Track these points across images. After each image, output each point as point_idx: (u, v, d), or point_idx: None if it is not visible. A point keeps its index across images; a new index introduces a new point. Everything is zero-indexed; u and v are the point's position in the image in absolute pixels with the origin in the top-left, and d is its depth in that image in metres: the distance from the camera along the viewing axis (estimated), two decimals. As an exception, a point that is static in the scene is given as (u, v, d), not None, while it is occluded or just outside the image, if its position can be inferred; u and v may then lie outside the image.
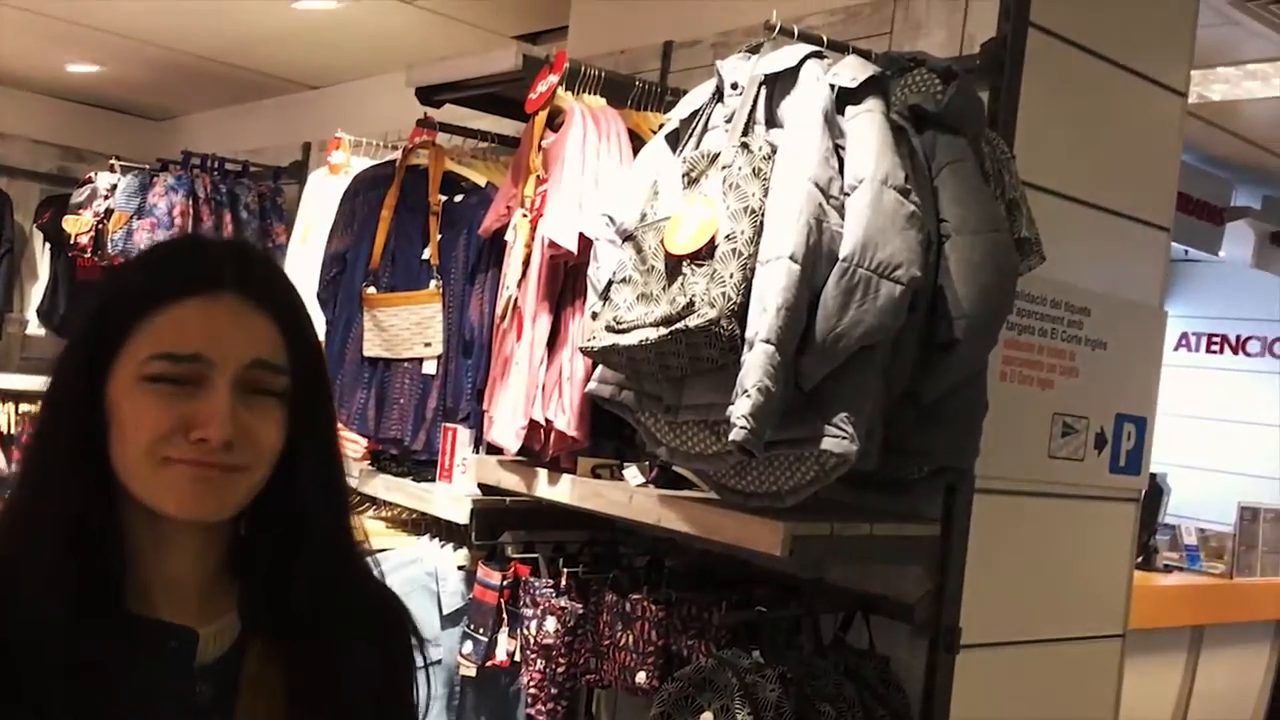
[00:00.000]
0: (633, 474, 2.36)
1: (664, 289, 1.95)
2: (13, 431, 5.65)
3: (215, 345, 0.97)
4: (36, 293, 5.96)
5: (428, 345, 2.83)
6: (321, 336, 3.21)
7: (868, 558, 2.19)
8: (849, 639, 2.28)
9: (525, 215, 2.45)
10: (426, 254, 2.86)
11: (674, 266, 1.94)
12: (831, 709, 2.02)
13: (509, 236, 2.50)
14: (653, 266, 1.99)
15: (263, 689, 1.00)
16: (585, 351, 2.08)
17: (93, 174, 5.53)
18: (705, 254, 1.91)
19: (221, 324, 0.99)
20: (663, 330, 1.90)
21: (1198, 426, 6.14)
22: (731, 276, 1.86)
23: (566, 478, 2.43)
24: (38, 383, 4.58)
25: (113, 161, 5.52)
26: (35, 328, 5.93)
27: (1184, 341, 6.78)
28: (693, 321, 1.85)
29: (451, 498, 2.68)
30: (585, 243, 2.29)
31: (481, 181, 2.84)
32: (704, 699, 2.04)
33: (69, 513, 0.95)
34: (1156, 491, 4.75)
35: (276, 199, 5.11)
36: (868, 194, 1.84)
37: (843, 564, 2.30)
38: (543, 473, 2.48)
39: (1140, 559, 3.73)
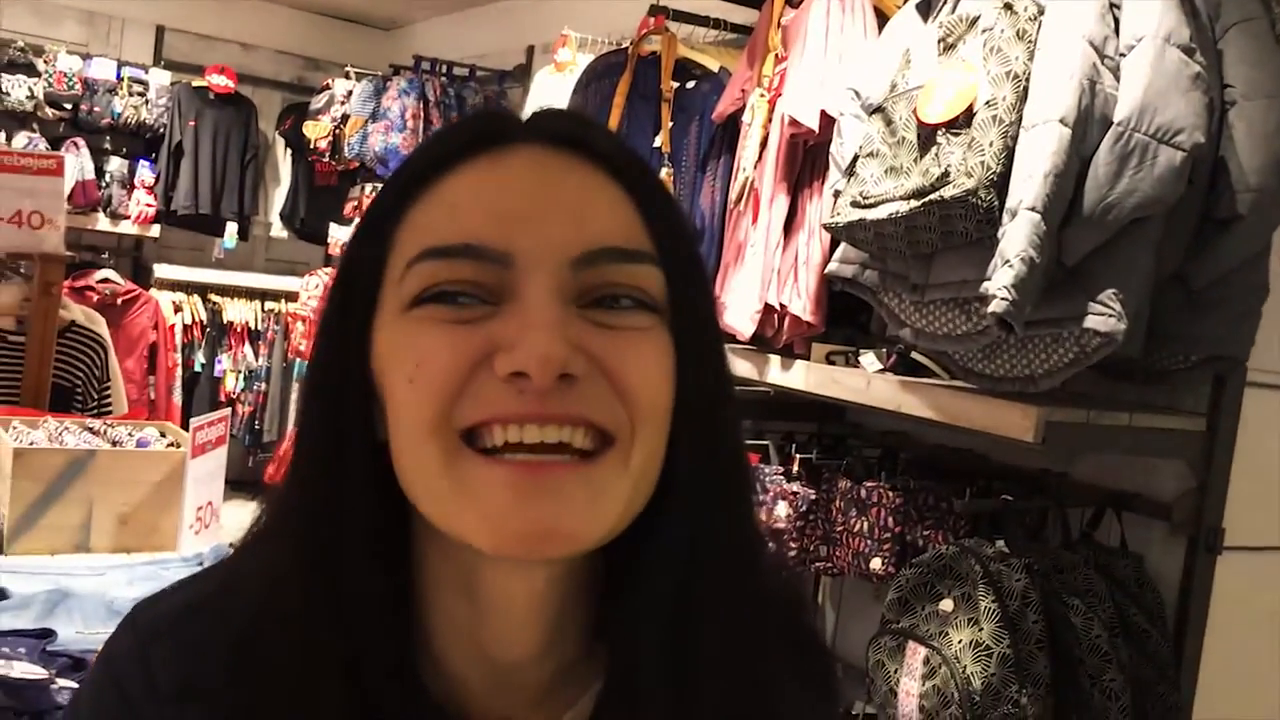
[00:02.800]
0: (869, 360, 2.30)
1: (915, 160, 1.88)
2: (259, 327, 6.04)
3: (510, 227, 0.56)
4: (279, 197, 6.31)
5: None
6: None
7: (1124, 449, 2.07)
8: (1097, 537, 2.18)
9: (763, 95, 2.40)
10: (658, 141, 2.84)
11: (927, 137, 1.86)
12: (1081, 603, 1.94)
13: (746, 118, 2.46)
14: (903, 138, 1.91)
15: None
16: (829, 228, 2.03)
17: (330, 81, 5.79)
18: (962, 122, 1.82)
19: (519, 191, 0.58)
20: (914, 203, 1.82)
21: None
22: (991, 145, 1.76)
23: (800, 364, 2.40)
24: (282, 283, 4.93)
25: (348, 69, 5.75)
26: (279, 230, 6.29)
27: None
28: (948, 192, 1.77)
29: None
30: (826, 120, 2.22)
31: (714, 67, 2.80)
32: (944, 586, 2.00)
33: (354, 551, 0.59)
34: None
35: (502, 102, 5.21)
36: (1149, 52, 1.70)
37: (1095, 456, 2.19)
38: (775, 359, 2.45)
39: None
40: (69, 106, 5.49)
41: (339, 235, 5.54)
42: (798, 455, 2.46)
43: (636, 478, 0.56)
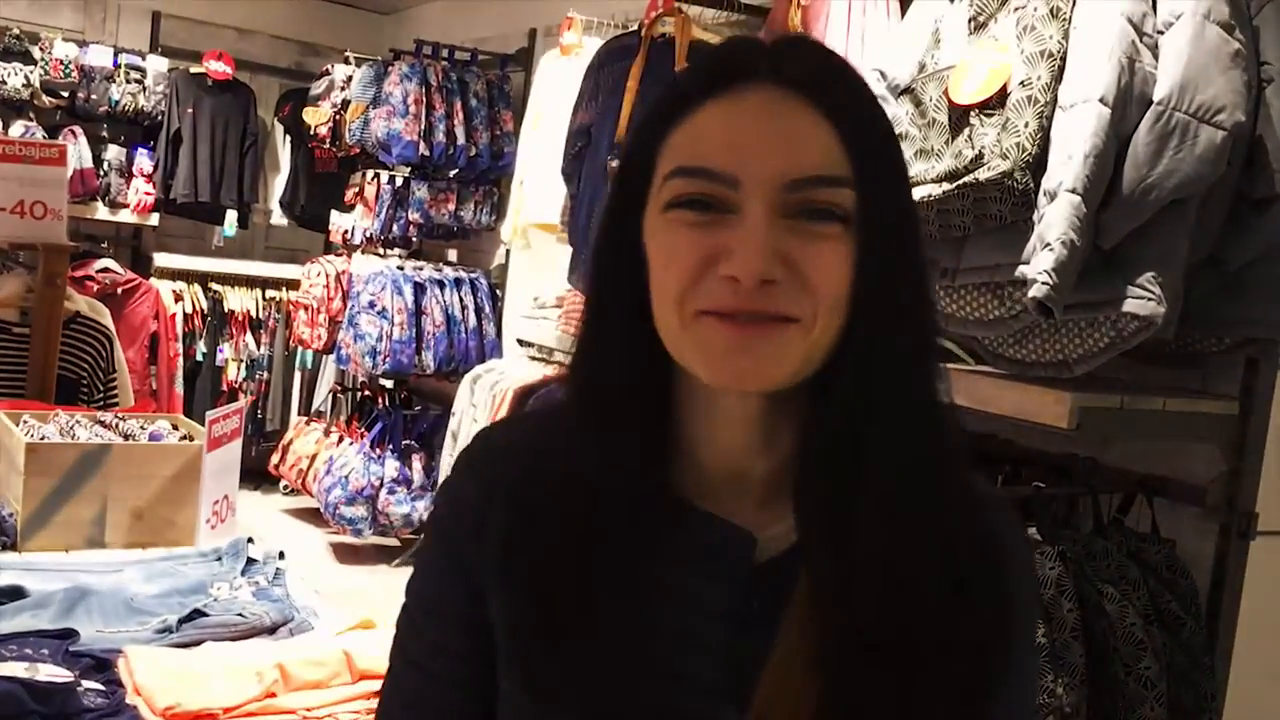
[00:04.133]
0: (894, 346, 2.27)
1: (947, 142, 1.84)
2: (260, 316, 5.99)
3: (740, 156, 0.74)
4: (279, 184, 6.25)
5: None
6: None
7: (1158, 435, 2.05)
8: (1126, 522, 2.15)
9: (783, 77, 2.36)
10: (672, 125, 2.80)
11: (959, 118, 1.82)
12: (1114, 590, 1.92)
13: (765, 100, 2.42)
14: (933, 119, 1.88)
15: (817, 608, 0.77)
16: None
17: (329, 67, 5.72)
18: (995, 103, 1.78)
19: (749, 128, 0.74)
20: (947, 186, 1.79)
21: None
22: (1026, 126, 1.73)
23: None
24: (282, 270, 4.85)
25: (347, 54, 5.69)
26: (279, 217, 6.23)
27: None
28: (982, 175, 1.74)
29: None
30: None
31: (730, 48, 2.75)
32: (975, 575, 1.97)
33: (623, 383, 0.80)
34: None
35: (504, 86, 5.16)
36: (1188, 29, 1.66)
37: (1128, 441, 2.16)
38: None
39: None
40: (66, 94, 5.42)
41: (340, 222, 5.49)
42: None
43: (813, 343, 0.74)
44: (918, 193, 1.83)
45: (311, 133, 5.66)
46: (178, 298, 5.74)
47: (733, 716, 0.77)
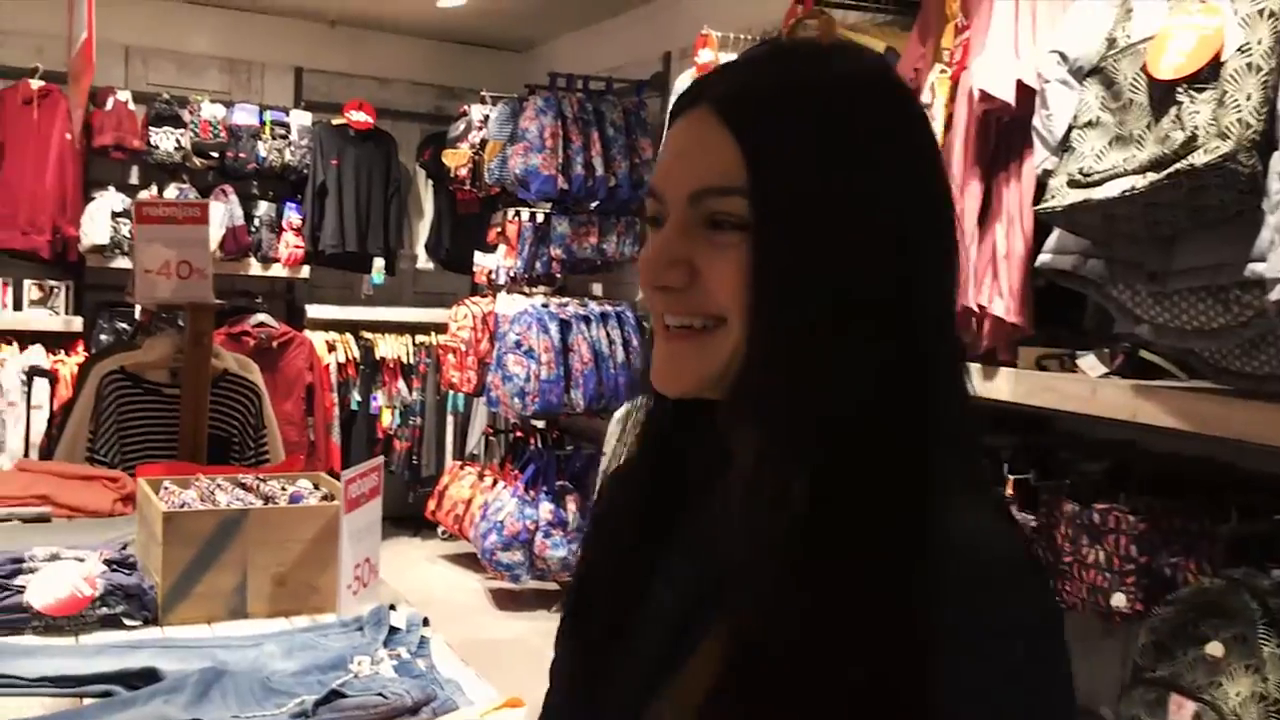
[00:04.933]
0: (1090, 363, 2.00)
1: (1149, 126, 1.58)
2: (411, 361, 5.99)
3: (664, 175, 0.78)
4: (423, 229, 6.27)
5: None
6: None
7: None
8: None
9: (943, 70, 2.13)
10: (821, 136, 2.59)
11: (1163, 96, 1.56)
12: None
13: (925, 98, 2.19)
14: (1130, 100, 1.62)
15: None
16: (1044, 215, 1.75)
17: (466, 108, 5.71)
18: (1207, 75, 1.52)
19: (671, 148, 0.79)
20: (1154, 175, 1.53)
21: None
22: (1249, 99, 1.46)
23: (1006, 371, 2.11)
24: (430, 315, 4.77)
25: (483, 93, 5.66)
26: (425, 262, 6.24)
27: None
28: (1199, 159, 1.48)
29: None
30: (1024, 92, 1.94)
31: (880, 48, 2.53)
32: (1209, 626, 1.68)
33: None
34: None
35: (640, 113, 5.03)
36: None
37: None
38: (975, 368, 2.17)
39: None
40: (215, 155, 5.54)
41: (484, 262, 5.44)
42: (1010, 477, 2.16)
43: (732, 349, 0.75)
44: (1118, 185, 1.58)
45: (452, 175, 5.65)
46: (331, 348, 5.79)
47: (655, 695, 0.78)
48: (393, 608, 1.97)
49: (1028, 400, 2.06)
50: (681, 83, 4.07)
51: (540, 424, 5.18)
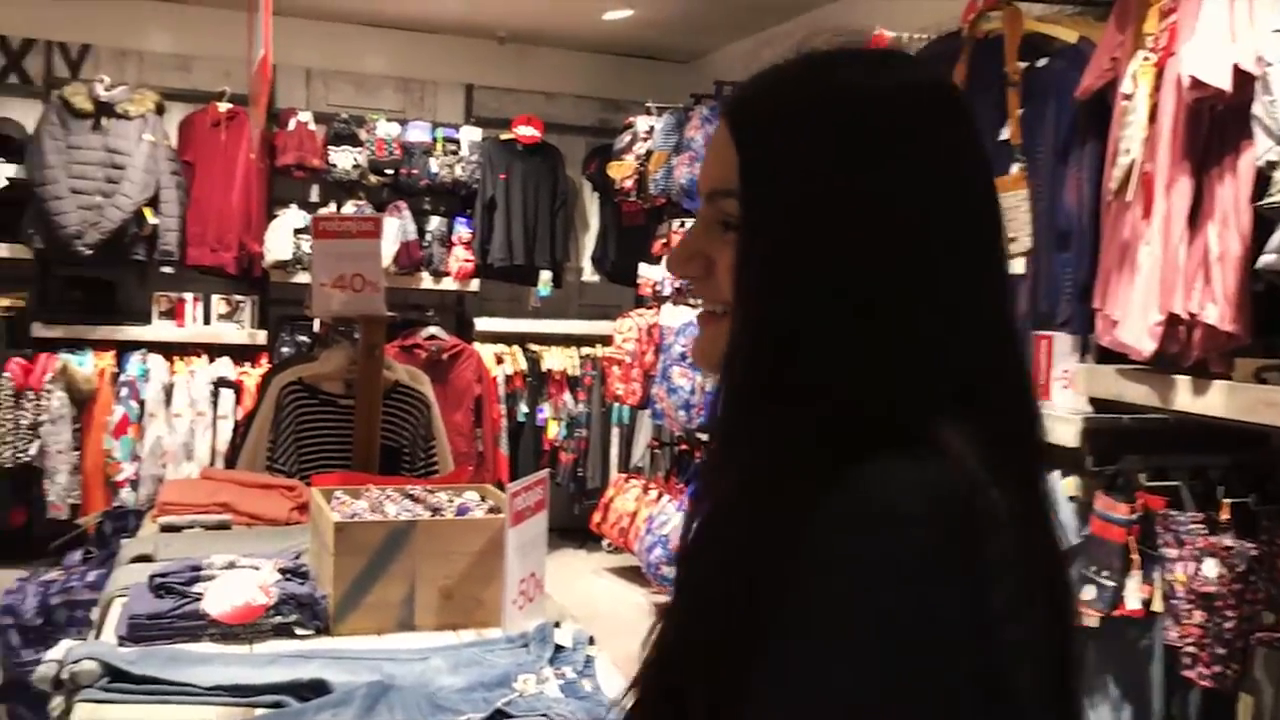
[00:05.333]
0: (1319, 376, 1.80)
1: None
2: (577, 373, 6.01)
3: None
4: (589, 241, 6.30)
5: (1013, 240, 2.43)
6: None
7: None
8: None
9: (1147, 58, 1.96)
10: (1005, 133, 2.45)
11: None
12: None
13: (1125, 89, 2.02)
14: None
15: None
16: (1267, 211, 1.58)
17: (631, 119, 5.70)
18: None
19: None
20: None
21: None
22: None
23: (1219, 385, 1.93)
24: (596, 327, 4.75)
25: (648, 104, 5.65)
26: (590, 274, 6.27)
27: None
28: None
29: (1055, 417, 2.27)
30: (1241, 78, 1.77)
31: (1072, 38, 2.37)
32: None
33: None
34: None
35: (809, 120, 4.91)
36: None
37: None
38: (1183, 380, 1.99)
39: None
40: (390, 172, 5.69)
41: (649, 274, 5.42)
42: (1226, 501, 1.97)
43: (727, 331, 0.82)
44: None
45: (617, 187, 5.65)
46: (499, 360, 5.86)
47: None
48: (558, 624, 1.92)
49: (1243, 416, 1.88)
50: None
51: (705, 437, 5.11)
